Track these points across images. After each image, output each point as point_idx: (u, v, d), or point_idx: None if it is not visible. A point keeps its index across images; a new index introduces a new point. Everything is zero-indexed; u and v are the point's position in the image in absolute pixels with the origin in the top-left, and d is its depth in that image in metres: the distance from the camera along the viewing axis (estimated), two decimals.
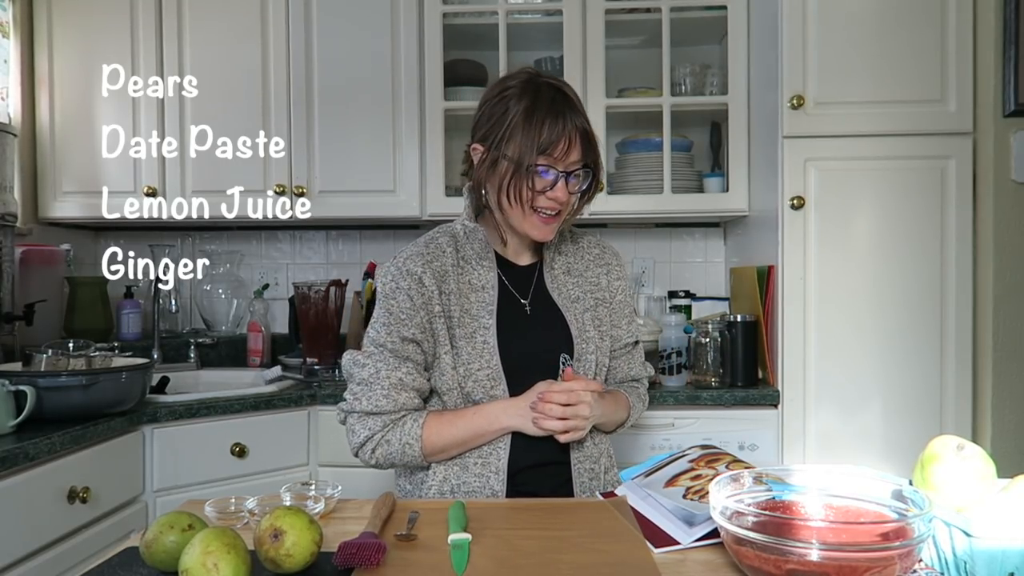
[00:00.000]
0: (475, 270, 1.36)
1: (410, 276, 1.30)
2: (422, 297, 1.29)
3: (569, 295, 1.40)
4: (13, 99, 2.39)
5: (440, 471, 1.31)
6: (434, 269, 1.32)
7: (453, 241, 1.37)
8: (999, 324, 2.00)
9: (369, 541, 0.89)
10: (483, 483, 1.29)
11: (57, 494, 1.55)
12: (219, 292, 2.69)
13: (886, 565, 0.74)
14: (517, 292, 1.38)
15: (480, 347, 1.30)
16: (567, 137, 1.25)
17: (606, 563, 0.89)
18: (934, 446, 0.93)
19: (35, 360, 1.77)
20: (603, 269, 1.45)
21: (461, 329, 1.31)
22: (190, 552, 0.78)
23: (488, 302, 1.34)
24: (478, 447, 1.31)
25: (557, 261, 1.43)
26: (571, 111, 1.27)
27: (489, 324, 1.32)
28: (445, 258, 1.34)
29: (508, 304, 1.36)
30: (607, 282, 1.45)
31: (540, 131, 1.24)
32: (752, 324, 2.14)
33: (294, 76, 2.41)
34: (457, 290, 1.33)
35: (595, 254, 1.47)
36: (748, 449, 2.06)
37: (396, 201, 2.43)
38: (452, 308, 1.32)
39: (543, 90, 1.28)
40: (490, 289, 1.35)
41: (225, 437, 1.99)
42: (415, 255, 1.33)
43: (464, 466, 1.31)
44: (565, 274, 1.42)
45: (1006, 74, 1.99)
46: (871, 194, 2.05)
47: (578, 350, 1.36)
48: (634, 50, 2.65)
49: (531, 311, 1.37)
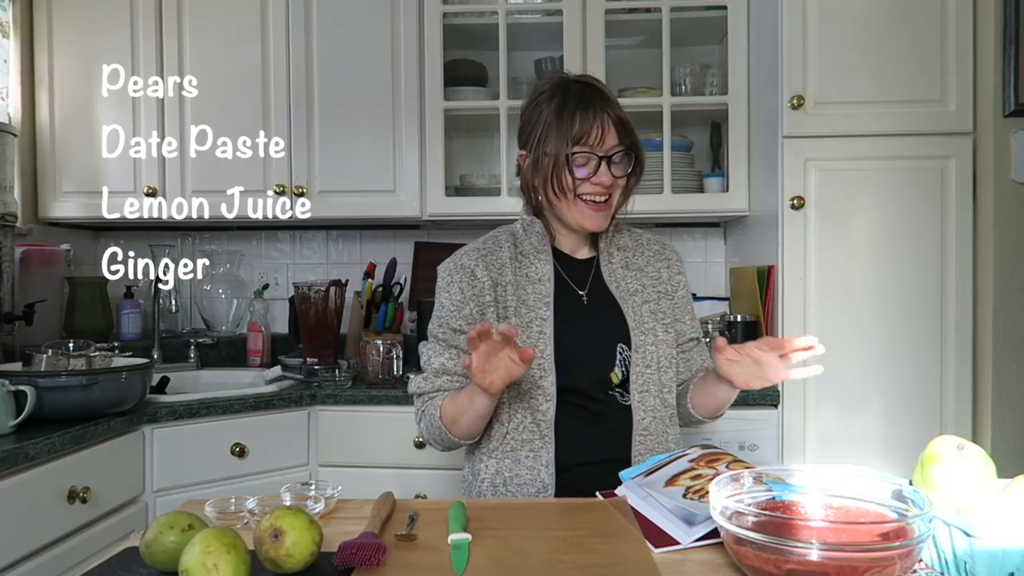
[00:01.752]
0: (532, 263, 1.40)
1: (462, 270, 1.39)
2: (473, 289, 1.37)
3: (627, 288, 1.42)
4: (13, 99, 2.39)
5: (492, 464, 1.36)
6: (488, 262, 1.39)
7: (512, 237, 1.45)
8: (999, 324, 2.00)
9: (369, 541, 0.89)
10: (534, 476, 1.32)
11: (57, 494, 1.55)
12: (219, 292, 2.69)
13: (886, 565, 0.74)
14: (575, 284, 1.41)
15: (536, 337, 1.34)
16: (600, 124, 1.31)
17: (606, 563, 0.89)
18: (934, 446, 0.93)
19: (35, 360, 1.77)
20: (664, 263, 1.47)
21: (518, 319, 1.35)
22: (190, 552, 0.78)
23: (545, 294, 1.37)
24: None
25: (615, 255, 1.45)
26: (601, 101, 1.33)
27: (546, 315, 1.35)
28: (502, 252, 1.41)
29: (565, 296, 1.39)
30: (668, 275, 1.46)
31: (572, 123, 1.31)
32: (752, 324, 2.14)
33: (294, 76, 2.41)
34: (514, 281, 1.38)
35: (655, 250, 1.49)
36: (748, 449, 2.06)
37: (396, 201, 2.43)
38: (508, 299, 1.37)
39: (572, 88, 1.35)
40: (547, 281, 1.38)
41: (225, 437, 1.99)
42: (471, 250, 1.42)
43: (516, 459, 1.34)
44: (623, 268, 1.44)
45: (1006, 74, 1.99)
46: (871, 194, 2.05)
47: (636, 342, 1.37)
48: (634, 50, 2.65)
49: (588, 303, 1.40)
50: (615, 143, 1.33)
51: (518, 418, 1.35)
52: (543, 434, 1.33)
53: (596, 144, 1.32)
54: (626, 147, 1.34)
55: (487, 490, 1.36)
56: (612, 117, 1.32)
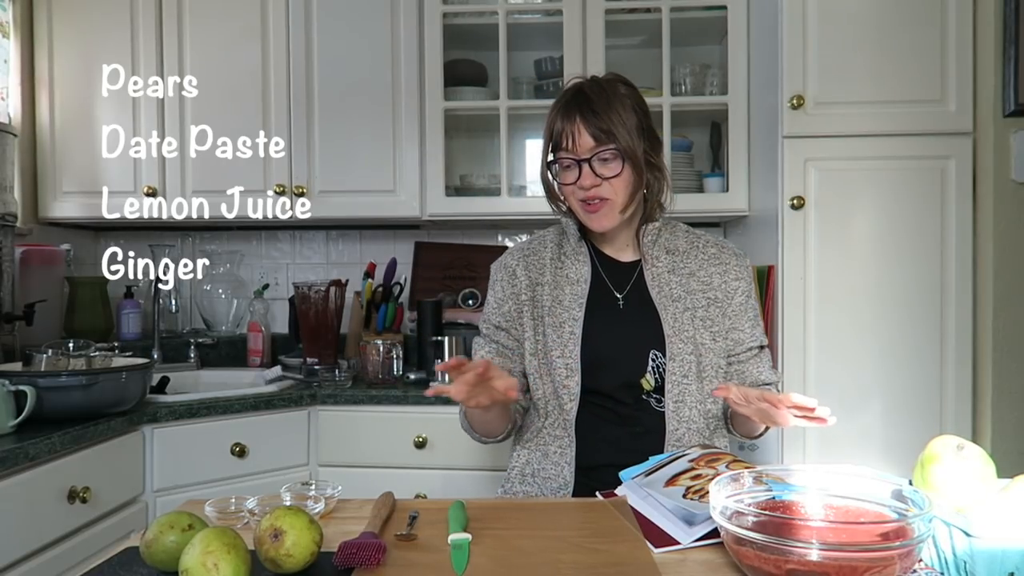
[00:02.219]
0: (572, 264, 1.42)
1: (505, 269, 1.45)
2: (512, 288, 1.42)
3: (670, 293, 1.38)
4: (13, 99, 2.39)
5: (524, 454, 1.41)
6: (529, 262, 1.44)
7: (558, 237, 1.47)
8: (999, 324, 2.00)
9: (369, 541, 0.89)
10: (558, 471, 1.36)
11: (57, 494, 1.55)
12: (219, 292, 2.69)
13: (886, 565, 0.74)
14: (614, 287, 1.40)
15: (566, 337, 1.35)
16: (571, 129, 1.31)
17: (606, 563, 0.89)
18: (934, 446, 0.93)
19: (35, 360, 1.77)
20: (719, 268, 1.42)
21: (551, 318, 1.37)
22: (190, 552, 0.78)
23: (580, 295, 1.38)
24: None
25: (662, 259, 1.42)
26: (582, 104, 1.32)
27: (578, 316, 1.36)
28: (545, 251, 1.45)
29: (601, 298, 1.39)
30: (721, 282, 1.41)
31: (552, 128, 1.36)
32: None
33: (294, 76, 2.41)
34: (552, 281, 1.40)
35: (711, 253, 1.44)
36: (748, 449, 2.06)
37: (396, 201, 2.43)
38: (544, 298, 1.39)
39: (567, 92, 1.37)
40: (583, 283, 1.39)
41: (225, 437, 1.99)
42: (516, 249, 1.47)
43: (545, 453, 1.38)
44: (669, 272, 1.41)
45: (1006, 74, 1.99)
46: (871, 194, 2.05)
47: (671, 349, 1.34)
48: (634, 50, 2.65)
49: (624, 307, 1.39)
50: (592, 145, 1.31)
51: (553, 415, 1.38)
52: (568, 432, 1.36)
53: (572, 148, 1.32)
54: (608, 151, 1.31)
55: (515, 478, 1.40)
56: (588, 119, 1.30)
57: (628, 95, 1.36)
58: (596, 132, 1.30)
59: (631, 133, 1.32)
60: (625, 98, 1.35)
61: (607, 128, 1.30)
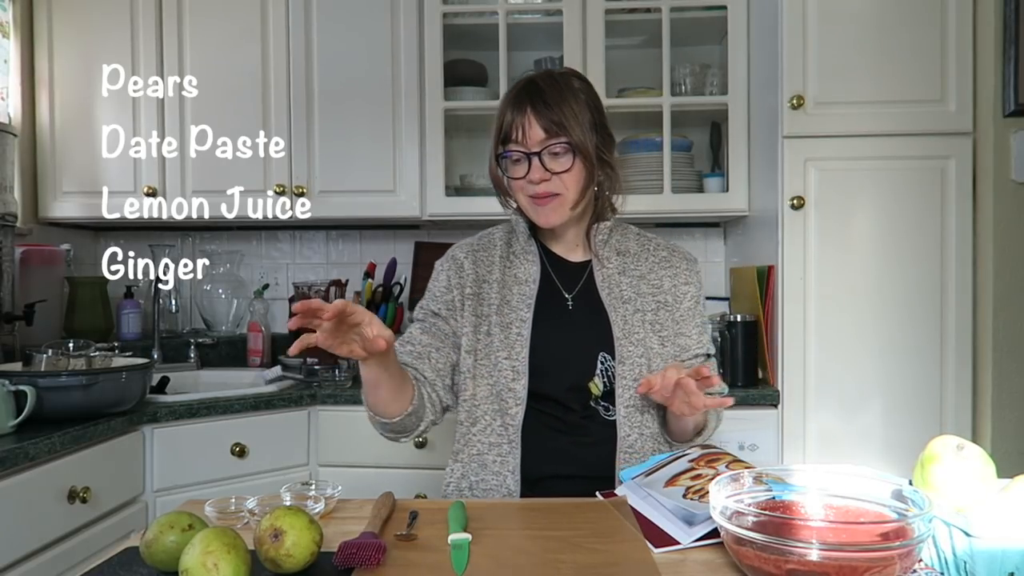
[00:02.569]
0: (521, 264, 1.39)
1: (453, 261, 1.40)
2: (459, 279, 1.37)
3: (620, 295, 1.35)
4: (13, 99, 2.39)
5: (459, 468, 1.33)
6: (478, 258, 1.40)
7: (507, 235, 1.43)
8: (999, 324, 2.00)
9: (369, 541, 0.89)
10: (500, 481, 1.29)
11: (57, 494, 1.55)
12: (219, 292, 2.69)
13: (886, 565, 0.74)
14: (564, 288, 1.37)
15: (513, 339, 1.31)
16: (523, 121, 1.27)
17: (606, 563, 0.89)
18: (934, 446, 0.93)
19: (35, 360, 1.77)
20: (669, 272, 1.39)
21: (499, 317, 1.33)
22: (190, 552, 0.78)
23: (528, 295, 1.34)
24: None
25: (612, 260, 1.39)
26: (536, 96, 1.28)
27: (526, 317, 1.32)
28: (494, 249, 1.41)
29: (550, 299, 1.35)
30: (672, 285, 1.38)
31: (502, 120, 1.31)
32: (752, 324, 2.14)
33: (294, 76, 2.41)
34: (501, 280, 1.37)
35: (662, 256, 1.41)
36: (748, 449, 2.06)
37: (396, 201, 2.43)
38: (491, 297, 1.35)
39: (518, 85, 1.33)
40: (531, 283, 1.36)
41: (225, 437, 1.99)
42: (465, 244, 1.43)
43: (482, 463, 1.31)
44: (620, 274, 1.37)
45: (1006, 74, 1.99)
46: (871, 194, 2.05)
47: (621, 352, 1.31)
48: (634, 50, 2.65)
49: (574, 308, 1.35)
50: (543, 138, 1.27)
51: (486, 420, 1.31)
52: (511, 439, 1.29)
53: (522, 140, 1.27)
54: (559, 144, 1.27)
55: (452, 495, 1.33)
56: (541, 111, 1.26)
57: (582, 89, 1.33)
58: (548, 124, 1.26)
59: (583, 127, 1.28)
60: (579, 92, 1.31)
61: (559, 120, 1.26)
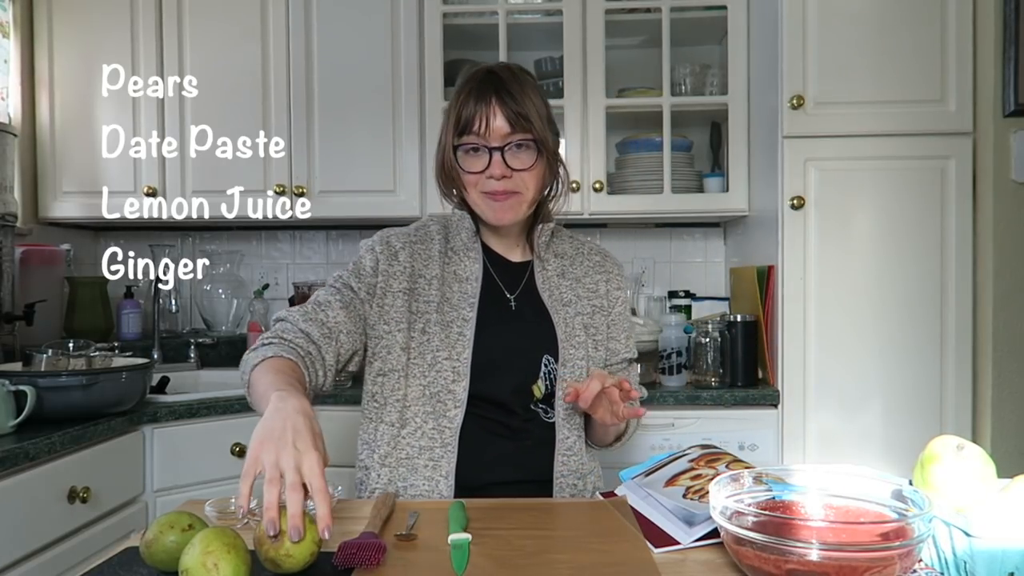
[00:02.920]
0: (462, 261, 1.32)
1: (387, 246, 1.30)
2: (389, 267, 1.28)
3: (560, 297, 1.33)
4: (13, 99, 2.39)
5: (385, 473, 1.25)
6: (416, 251, 1.31)
7: (444, 230, 1.36)
8: (999, 324, 2.00)
9: (369, 541, 0.89)
10: (432, 486, 1.23)
11: (57, 494, 1.55)
12: (219, 292, 2.69)
13: (886, 565, 0.74)
14: (505, 288, 1.32)
15: (455, 338, 1.25)
16: (485, 113, 1.21)
17: (606, 563, 0.89)
18: (934, 446, 0.93)
19: (35, 360, 1.77)
20: (603, 276, 1.38)
21: (440, 316, 1.26)
22: (190, 552, 0.78)
23: (470, 294, 1.28)
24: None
25: (551, 262, 1.36)
26: (498, 89, 1.22)
27: (469, 316, 1.26)
28: (432, 244, 1.33)
29: (493, 299, 1.30)
30: (606, 290, 1.38)
31: (460, 111, 1.23)
32: (752, 324, 2.14)
33: (294, 76, 2.41)
34: (440, 277, 1.29)
35: (596, 261, 1.40)
36: (748, 449, 2.06)
37: (396, 201, 2.43)
38: (430, 294, 1.28)
39: (476, 75, 1.26)
40: (474, 281, 1.30)
41: (225, 437, 1.99)
42: (402, 233, 1.34)
43: (412, 467, 1.24)
44: (559, 276, 1.36)
45: (1006, 74, 1.99)
46: (871, 194, 2.05)
47: (564, 354, 1.29)
48: (634, 50, 2.65)
49: (516, 308, 1.31)
50: (507, 132, 1.21)
51: (417, 422, 1.25)
52: (445, 442, 1.23)
53: (484, 133, 1.21)
54: (523, 139, 1.22)
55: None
56: (504, 104, 1.21)
57: (535, 84, 1.29)
58: (512, 116, 1.21)
59: (543, 122, 1.25)
60: (535, 85, 1.28)
61: (524, 113, 1.21)
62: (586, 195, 2.39)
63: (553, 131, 1.29)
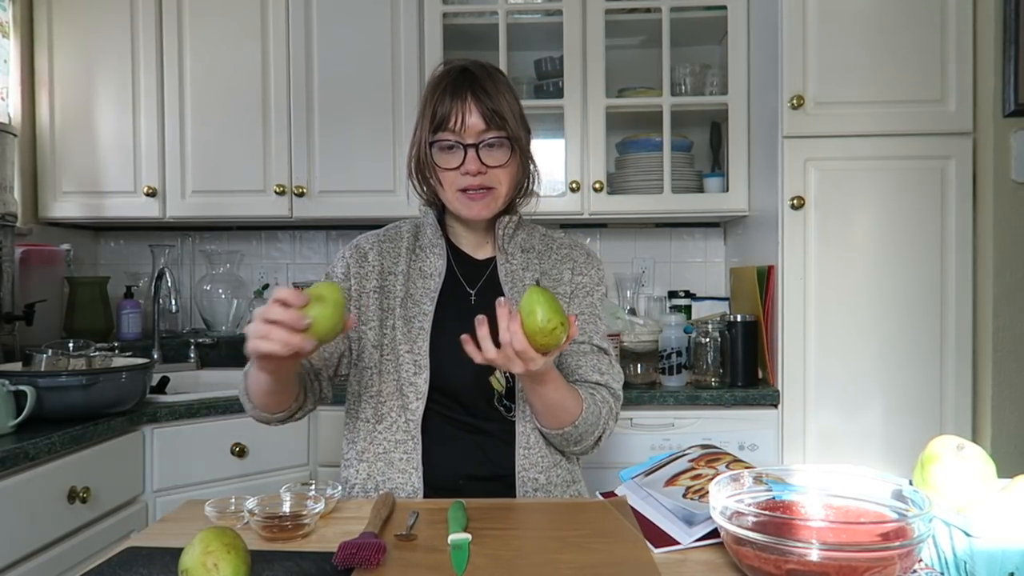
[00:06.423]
0: (427, 257, 1.36)
1: (357, 250, 1.36)
2: (359, 269, 1.34)
3: (522, 290, 1.34)
4: (13, 99, 2.39)
5: (364, 468, 1.29)
6: (384, 249, 1.36)
7: (414, 228, 1.41)
8: (999, 324, 2.00)
9: (369, 541, 0.89)
10: (405, 479, 1.25)
11: (57, 494, 1.55)
12: (219, 292, 2.69)
13: (886, 565, 0.74)
14: (467, 283, 1.35)
15: (415, 332, 1.28)
16: (462, 109, 1.23)
17: (606, 563, 0.89)
18: (934, 446, 0.93)
19: (35, 360, 1.77)
20: (568, 265, 1.38)
21: (403, 310, 1.30)
22: (190, 552, 0.78)
23: (432, 289, 1.32)
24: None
25: (517, 256, 1.37)
26: (472, 86, 1.24)
27: (428, 311, 1.30)
28: (401, 242, 1.38)
29: (453, 293, 1.33)
30: (570, 277, 1.37)
31: (435, 107, 1.25)
32: (752, 324, 2.14)
33: (294, 76, 2.41)
34: (407, 273, 1.34)
35: (564, 253, 1.40)
36: (748, 449, 2.06)
37: (396, 201, 2.43)
38: (397, 290, 1.32)
39: (450, 72, 1.28)
40: (436, 276, 1.33)
41: (225, 437, 1.99)
42: (371, 235, 1.40)
43: (389, 461, 1.27)
44: (523, 269, 1.36)
45: (1006, 74, 1.99)
46: (871, 194, 2.05)
47: None
48: (634, 50, 2.65)
49: (476, 302, 1.33)
50: (483, 129, 1.23)
51: (392, 416, 1.28)
52: (412, 435, 1.26)
53: (459, 130, 1.23)
54: (497, 137, 1.24)
55: (358, 497, 1.27)
56: (479, 101, 1.23)
57: (507, 82, 1.31)
58: (487, 113, 1.23)
59: (517, 120, 1.27)
60: (508, 84, 1.30)
61: (498, 110, 1.23)
62: (586, 195, 2.39)
63: (526, 129, 1.32)
